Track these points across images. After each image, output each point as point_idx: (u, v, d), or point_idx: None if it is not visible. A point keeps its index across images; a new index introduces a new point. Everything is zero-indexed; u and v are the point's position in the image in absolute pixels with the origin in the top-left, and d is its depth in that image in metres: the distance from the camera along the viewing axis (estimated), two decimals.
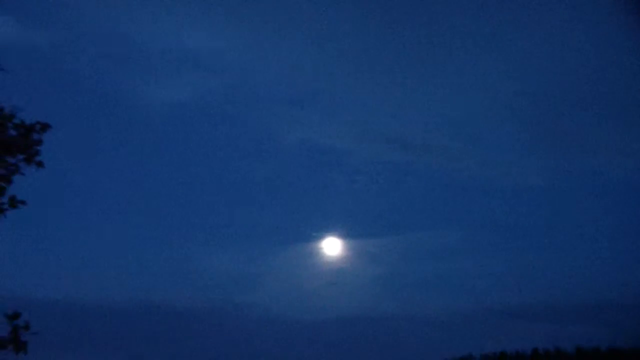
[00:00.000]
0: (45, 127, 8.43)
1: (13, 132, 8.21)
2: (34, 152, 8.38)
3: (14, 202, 8.32)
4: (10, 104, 8.20)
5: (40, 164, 8.43)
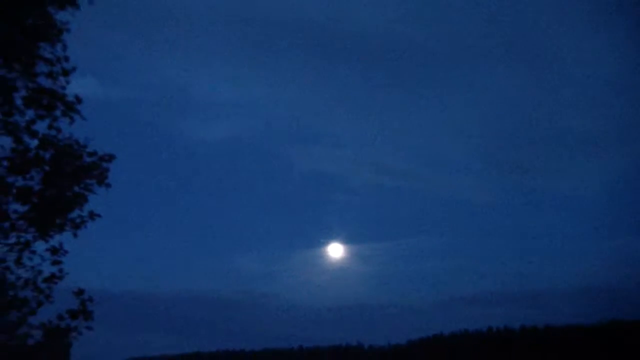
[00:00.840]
0: (111, 157, 10.12)
1: (87, 159, 9.91)
2: (104, 176, 10.09)
3: (92, 215, 10.10)
4: (84, 135, 9.95)
5: (108, 185, 10.14)
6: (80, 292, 9.98)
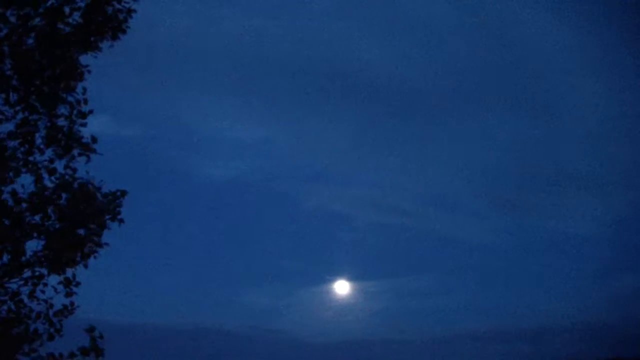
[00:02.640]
0: (124, 193, 10.44)
1: (102, 199, 10.23)
2: (117, 212, 10.37)
3: (99, 244, 10.34)
4: (99, 178, 10.33)
5: (121, 221, 10.43)
6: (91, 329, 10.16)
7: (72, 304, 10.30)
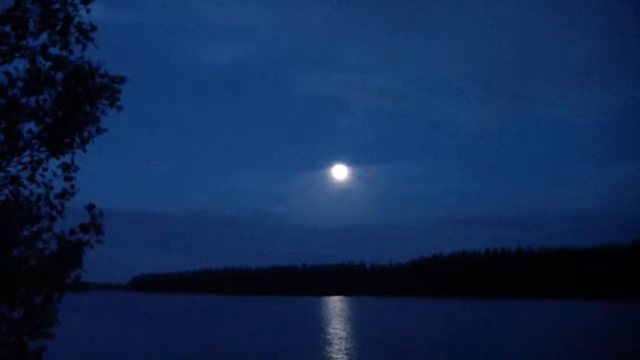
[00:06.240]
0: (123, 79, 10.26)
1: (99, 81, 10.06)
2: (115, 98, 10.25)
3: (99, 130, 10.39)
4: (96, 58, 10.06)
5: (120, 108, 10.36)
6: (91, 208, 10.26)
7: (72, 187, 10.37)
